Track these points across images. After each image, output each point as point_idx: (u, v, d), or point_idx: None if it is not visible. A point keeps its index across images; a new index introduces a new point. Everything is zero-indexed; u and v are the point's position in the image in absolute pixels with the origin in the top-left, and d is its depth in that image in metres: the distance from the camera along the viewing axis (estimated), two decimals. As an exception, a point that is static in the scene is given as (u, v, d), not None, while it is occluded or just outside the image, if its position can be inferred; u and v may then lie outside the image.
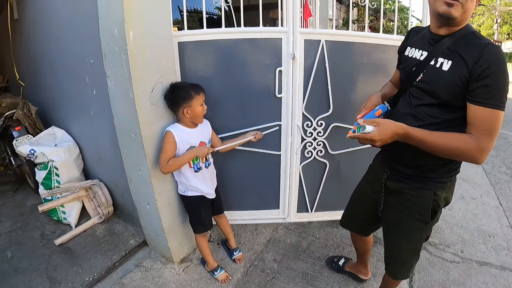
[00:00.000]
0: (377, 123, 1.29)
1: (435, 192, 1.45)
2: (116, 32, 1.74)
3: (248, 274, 2.31)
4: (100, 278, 2.21)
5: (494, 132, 1.22)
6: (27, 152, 2.68)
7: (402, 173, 1.49)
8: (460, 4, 1.23)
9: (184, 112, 1.93)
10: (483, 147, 1.22)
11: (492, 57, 1.18)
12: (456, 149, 1.26)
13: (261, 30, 2.13)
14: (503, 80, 1.18)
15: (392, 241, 1.66)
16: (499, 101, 1.19)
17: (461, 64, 1.23)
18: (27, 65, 3.16)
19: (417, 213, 1.49)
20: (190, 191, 2.11)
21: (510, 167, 4.69)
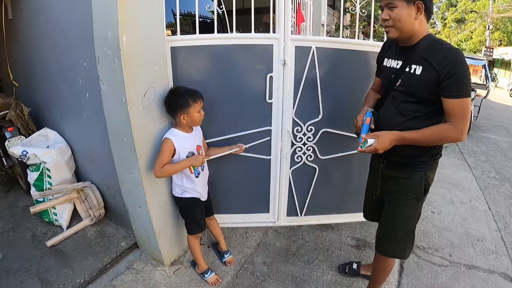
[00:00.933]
0: (377, 136, 1.63)
1: (425, 173, 1.72)
2: (110, 36, 1.76)
3: (238, 276, 2.33)
4: (91, 280, 2.22)
5: (467, 115, 1.53)
6: (19, 153, 2.68)
7: (395, 162, 1.76)
8: (393, 28, 1.58)
9: (181, 118, 1.97)
10: (461, 130, 1.54)
11: (454, 58, 1.48)
12: (443, 138, 1.60)
13: (253, 36, 2.16)
14: (466, 74, 1.49)
15: (390, 222, 1.85)
16: (466, 91, 1.50)
17: (430, 67, 1.53)
18: (21, 65, 3.16)
19: (412, 192, 1.75)
20: (188, 193, 2.13)
21: (499, 172, 4.75)
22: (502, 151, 5.88)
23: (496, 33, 24.77)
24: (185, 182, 2.11)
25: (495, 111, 10.76)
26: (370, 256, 2.54)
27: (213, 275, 2.25)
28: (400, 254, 1.90)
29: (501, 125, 8.38)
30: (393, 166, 1.78)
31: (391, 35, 1.61)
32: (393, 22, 1.57)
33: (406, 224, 1.81)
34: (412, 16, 1.54)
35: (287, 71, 2.22)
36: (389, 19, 1.58)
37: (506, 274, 2.49)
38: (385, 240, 1.90)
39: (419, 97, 1.60)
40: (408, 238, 1.85)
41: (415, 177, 1.73)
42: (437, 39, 1.59)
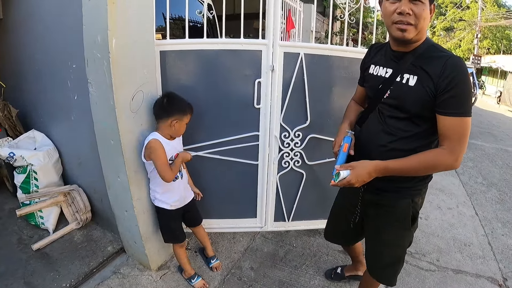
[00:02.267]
0: (352, 167, 1.39)
1: (412, 200, 1.51)
2: (99, 39, 1.76)
3: (225, 282, 2.33)
4: (77, 284, 2.20)
5: (465, 139, 1.29)
6: (6, 155, 2.65)
7: (378, 187, 1.52)
8: (413, 27, 1.30)
9: (172, 123, 1.93)
10: (456, 155, 1.30)
11: (456, 69, 1.25)
12: (433, 166, 1.35)
13: (241, 42, 2.18)
14: (468, 89, 1.27)
15: (375, 248, 1.69)
16: (466, 109, 1.27)
17: (426, 78, 1.30)
18: (9, 66, 3.13)
19: (397, 222, 1.54)
20: (157, 200, 2.11)
21: (486, 177, 4.82)
22: (489, 157, 5.98)
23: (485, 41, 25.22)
24: (161, 186, 2.06)
25: (483, 118, 10.93)
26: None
27: (200, 280, 2.25)
28: (388, 281, 1.73)
29: (488, 132, 8.52)
30: (375, 191, 1.55)
31: (408, 35, 1.32)
32: (415, 20, 1.29)
33: (393, 252, 1.62)
34: (428, 17, 1.32)
35: (275, 77, 2.23)
36: (411, 14, 1.29)
37: (493, 278, 2.53)
38: (373, 265, 1.74)
39: (410, 112, 1.37)
40: (397, 266, 1.67)
41: (401, 204, 1.51)
42: (435, 44, 1.38)
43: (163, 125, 1.96)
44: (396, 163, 1.36)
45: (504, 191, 4.36)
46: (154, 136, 1.93)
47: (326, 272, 2.43)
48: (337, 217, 1.94)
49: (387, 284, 1.81)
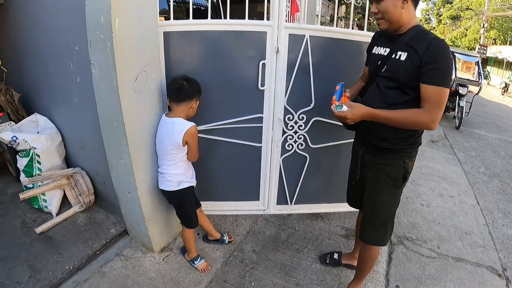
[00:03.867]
0: (351, 106, 1.65)
1: (403, 160, 1.74)
2: (102, 20, 1.74)
3: (228, 264, 2.34)
4: (80, 266, 2.21)
5: (441, 105, 1.54)
6: (9, 139, 2.65)
7: (375, 146, 1.79)
8: (383, 20, 1.64)
9: (193, 105, 2.02)
10: (433, 117, 1.54)
11: (438, 47, 1.50)
12: (412, 121, 1.58)
13: (246, 23, 2.15)
14: (446, 65, 1.52)
15: (370, 207, 1.88)
16: (444, 81, 1.51)
17: (414, 53, 1.55)
18: (11, 50, 3.11)
19: (390, 178, 1.77)
20: (185, 182, 2.10)
21: (488, 167, 4.82)
22: (492, 147, 5.96)
23: (491, 32, 24.94)
24: (186, 168, 2.10)
25: (487, 108, 10.89)
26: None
27: (202, 262, 2.26)
28: (380, 241, 1.92)
29: (492, 122, 8.48)
30: (373, 152, 1.81)
31: (382, 27, 1.67)
32: (381, 15, 1.62)
33: (385, 210, 1.84)
34: (398, 6, 1.58)
35: (280, 58, 2.22)
36: (378, 12, 1.63)
37: (492, 267, 2.55)
38: (366, 226, 1.92)
39: (401, 82, 1.63)
40: (388, 224, 1.89)
41: (393, 163, 1.75)
42: (424, 29, 1.63)
43: (184, 108, 2.00)
44: (383, 112, 1.61)
45: (506, 181, 4.36)
46: (190, 123, 1.99)
47: (321, 256, 2.45)
48: (349, 181, 2.15)
49: (379, 245, 1.96)
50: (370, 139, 1.81)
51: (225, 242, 2.46)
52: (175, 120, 1.98)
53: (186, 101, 1.98)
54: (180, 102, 1.98)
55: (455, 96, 7.16)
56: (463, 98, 6.98)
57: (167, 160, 2.05)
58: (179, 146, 1.98)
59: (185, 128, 1.95)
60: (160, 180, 2.12)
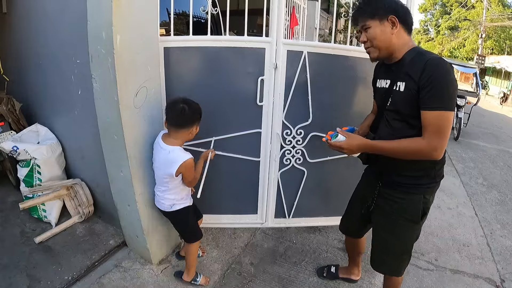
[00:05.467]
0: (348, 136, 1.61)
1: (424, 196, 1.62)
2: (103, 35, 1.77)
3: (225, 277, 2.35)
4: (79, 277, 2.22)
5: (442, 131, 1.41)
6: (10, 149, 2.66)
7: (394, 181, 1.66)
8: (372, 48, 1.58)
9: (193, 130, 1.95)
10: (433, 146, 1.43)
11: (433, 67, 1.39)
12: (411, 151, 1.48)
13: (245, 39, 2.19)
14: (444, 86, 1.38)
15: (384, 240, 1.78)
16: (443, 104, 1.39)
17: (411, 81, 1.46)
18: (13, 60, 3.14)
19: (408, 214, 1.64)
20: (178, 204, 2.08)
21: (486, 178, 4.83)
22: (491, 158, 5.98)
23: (489, 42, 25.07)
24: (178, 193, 2.06)
25: (485, 119, 10.91)
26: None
27: (202, 277, 2.25)
28: (394, 272, 1.84)
29: (491, 133, 8.50)
30: (391, 185, 1.68)
31: (372, 55, 1.61)
32: (370, 43, 1.57)
33: (401, 244, 1.75)
34: (387, 32, 1.52)
35: (278, 74, 2.25)
36: (366, 40, 1.58)
37: (491, 279, 2.55)
38: (378, 257, 1.85)
39: (405, 114, 1.53)
40: (404, 257, 1.79)
41: (413, 199, 1.62)
42: (422, 51, 1.52)
43: (184, 134, 1.93)
44: (380, 143, 1.56)
45: (505, 192, 4.37)
46: (187, 155, 1.92)
47: (318, 269, 2.45)
48: (352, 207, 2.05)
49: (393, 275, 1.88)
50: (388, 173, 1.68)
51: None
52: (171, 150, 1.90)
53: (186, 127, 1.91)
54: (180, 128, 1.90)
55: (453, 107, 7.17)
56: (461, 109, 7.00)
57: (160, 185, 2.03)
58: (172, 177, 1.93)
59: (180, 161, 1.88)
60: (156, 199, 2.12)
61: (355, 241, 2.21)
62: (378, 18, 1.52)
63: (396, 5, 1.53)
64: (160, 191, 2.05)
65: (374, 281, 2.38)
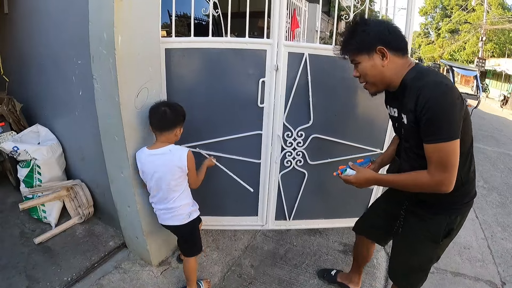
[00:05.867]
0: (358, 170, 1.61)
1: (449, 217, 1.52)
2: (105, 36, 1.77)
3: (226, 279, 2.34)
4: (78, 278, 2.21)
5: (445, 164, 1.30)
6: (10, 149, 2.66)
7: (420, 199, 1.57)
8: (366, 83, 1.51)
9: (177, 132, 1.92)
10: (438, 179, 1.33)
11: (428, 94, 1.27)
12: (417, 185, 1.41)
13: (246, 41, 2.19)
14: (442, 113, 1.26)
15: (401, 253, 1.72)
16: (440, 135, 1.28)
17: (410, 114, 1.37)
18: (14, 60, 3.14)
19: (430, 233, 1.56)
20: (195, 212, 2.05)
21: (487, 181, 4.83)
22: (491, 160, 5.97)
23: (489, 45, 25.08)
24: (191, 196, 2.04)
25: (486, 122, 10.92)
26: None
27: (204, 283, 2.22)
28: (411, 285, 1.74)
29: (491, 135, 8.51)
30: (417, 205, 1.61)
31: (370, 91, 1.54)
32: (364, 78, 1.49)
33: (419, 261, 1.66)
34: (378, 65, 1.42)
35: (279, 76, 2.25)
36: (359, 76, 1.50)
37: (492, 282, 2.55)
38: (397, 269, 1.78)
39: (414, 146, 1.44)
40: (420, 275, 1.70)
41: (436, 219, 1.54)
42: (417, 74, 1.40)
43: (169, 136, 1.91)
44: (386, 177, 1.58)
45: (505, 195, 4.37)
46: (185, 148, 1.94)
47: (319, 271, 2.44)
48: (375, 215, 1.99)
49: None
50: (413, 197, 1.60)
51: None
52: (170, 148, 1.89)
53: (170, 129, 1.89)
54: (164, 130, 1.89)
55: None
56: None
57: (173, 192, 1.93)
58: (184, 171, 1.90)
59: (184, 153, 1.89)
60: (166, 216, 1.99)
61: (365, 245, 2.11)
62: (365, 52, 1.43)
63: (382, 33, 1.41)
64: (174, 199, 1.94)
65: (375, 284, 2.38)
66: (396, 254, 1.78)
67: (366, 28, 1.42)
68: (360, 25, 1.44)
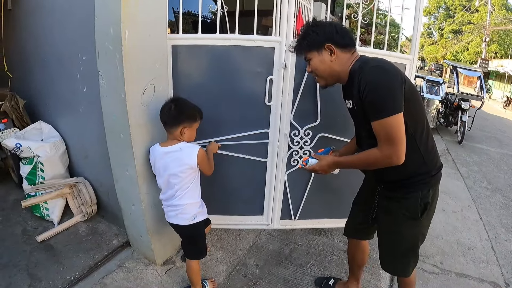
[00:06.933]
0: (320, 159, 1.77)
1: (421, 192, 1.61)
2: (111, 32, 1.75)
3: (230, 278, 2.32)
4: (81, 277, 2.19)
5: (391, 138, 1.42)
6: (13, 146, 2.65)
7: (390, 182, 1.69)
8: (318, 78, 1.68)
9: (182, 131, 1.86)
10: (387, 154, 1.45)
11: (366, 76, 1.44)
12: (371, 162, 1.54)
13: (254, 38, 2.16)
14: (378, 92, 1.41)
15: (387, 238, 1.80)
16: (381, 112, 1.40)
17: (354, 98, 1.54)
18: (18, 56, 3.12)
19: (407, 212, 1.64)
20: (200, 213, 2.02)
21: (491, 182, 4.82)
22: (494, 162, 5.96)
23: (493, 46, 25.07)
24: (199, 196, 2.02)
25: (489, 123, 10.91)
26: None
27: (209, 283, 2.20)
28: (402, 272, 1.81)
29: (494, 137, 8.49)
30: (389, 186, 1.71)
31: (321, 84, 1.71)
32: (314, 73, 1.66)
33: (404, 243, 1.73)
34: (326, 60, 1.58)
35: (287, 74, 2.23)
36: (311, 71, 1.67)
37: (495, 283, 2.54)
38: (384, 257, 1.85)
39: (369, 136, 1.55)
40: (410, 256, 1.76)
41: (410, 197, 1.63)
42: (360, 64, 1.54)
43: (175, 133, 1.87)
44: (344, 159, 1.73)
45: (509, 196, 4.36)
46: (197, 145, 1.93)
47: (317, 279, 2.39)
48: (356, 210, 2.06)
49: (402, 276, 1.85)
50: (382, 178, 1.73)
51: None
52: (181, 146, 1.87)
53: (174, 126, 1.86)
54: (168, 127, 1.89)
55: (457, 111, 7.18)
56: (466, 113, 6.98)
57: (180, 190, 1.91)
58: (193, 169, 1.89)
59: (195, 151, 1.86)
60: (171, 213, 1.98)
61: (358, 247, 2.11)
62: (315, 49, 1.59)
63: (330, 32, 1.57)
64: (180, 196, 1.92)
65: (380, 284, 2.36)
66: (382, 241, 1.83)
67: (316, 29, 1.59)
68: (311, 26, 1.62)
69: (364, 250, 2.12)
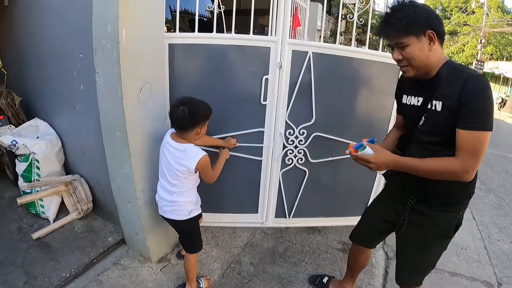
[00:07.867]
0: (376, 150, 1.47)
1: (458, 213, 1.55)
2: (109, 30, 1.75)
3: (225, 276, 2.34)
4: (77, 274, 2.20)
5: (477, 152, 1.31)
6: (9, 143, 2.64)
7: (428, 198, 1.56)
8: (409, 67, 1.43)
9: (198, 131, 1.85)
10: (466, 167, 1.32)
11: (474, 86, 1.28)
12: (443, 171, 1.37)
13: (251, 38, 2.18)
14: (485, 105, 1.29)
15: (413, 253, 1.69)
16: (480, 123, 1.29)
17: (449, 101, 1.35)
18: (14, 53, 3.11)
19: (441, 231, 1.57)
20: (196, 210, 2.02)
21: (484, 182, 4.84)
22: (488, 163, 5.99)
23: (489, 47, 25.17)
24: (196, 195, 2.03)
25: (483, 124, 10.92)
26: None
27: (204, 280, 2.21)
28: (416, 283, 1.77)
29: (489, 138, 8.52)
30: (425, 202, 1.58)
31: (409, 74, 1.46)
32: (407, 61, 1.41)
33: (431, 259, 1.67)
34: (425, 49, 1.37)
35: (283, 74, 2.24)
36: (402, 58, 1.42)
37: (488, 282, 2.56)
38: (406, 271, 1.76)
39: (443, 136, 1.41)
40: (430, 269, 1.72)
41: (447, 216, 1.55)
42: (456, 66, 1.41)
43: (190, 134, 1.85)
44: (410, 160, 1.44)
45: (502, 197, 4.39)
46: (202, 152, 1.86)
47: (311, 277, 2.39)
48: (372, 220, 1.94)
49: (415, 285, 1.80)
50: (420, 189, 1.56)
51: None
52: (186, 148, 1.84)
53: (189, 129, 1.83)
54: (183, 130, 1.84)
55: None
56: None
57: (178, 187, 1.91)
58: (190, 172, 1.86)
59: (197, 158, 1.83)
60: (168, 209, 1.97)
61: (363, 252, 2.07)
62: (414, 34, 1.36)
63: (431, 17, 1.37)
64: (178, 193, 1.92)
65: (373, 283, 2.38)
66: (407, 255, 1.73)
67: (417, 9, 1.36)
68: (410, 6, 1.38)
69: (367, 256, 2.10)
